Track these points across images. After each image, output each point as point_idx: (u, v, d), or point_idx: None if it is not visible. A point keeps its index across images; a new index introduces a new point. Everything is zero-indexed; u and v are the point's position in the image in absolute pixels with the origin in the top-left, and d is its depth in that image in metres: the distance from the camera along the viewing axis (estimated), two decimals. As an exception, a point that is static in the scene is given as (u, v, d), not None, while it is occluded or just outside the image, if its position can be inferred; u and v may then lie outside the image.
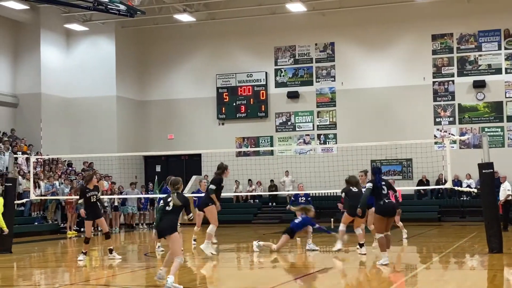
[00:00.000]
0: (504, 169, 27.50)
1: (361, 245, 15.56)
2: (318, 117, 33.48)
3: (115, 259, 15.44)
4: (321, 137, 33.39)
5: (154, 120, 35.69)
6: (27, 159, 25.44)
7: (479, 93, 31.51)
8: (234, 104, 34.33)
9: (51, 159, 29.51)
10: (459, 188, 22.12)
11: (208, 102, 34.70)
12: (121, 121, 34.14)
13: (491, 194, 15.63)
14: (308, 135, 33.55)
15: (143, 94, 35.86)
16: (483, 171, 15.48)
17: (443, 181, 27.98)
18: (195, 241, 18.79)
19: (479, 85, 31.34)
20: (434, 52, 32.17)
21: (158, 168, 35.13)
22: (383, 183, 13.65)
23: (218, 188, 15.86)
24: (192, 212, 11.18)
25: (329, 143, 32.96)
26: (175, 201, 10.80)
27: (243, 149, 33.41)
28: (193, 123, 34.78)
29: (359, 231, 15.53)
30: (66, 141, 33.01)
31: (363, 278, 12.64)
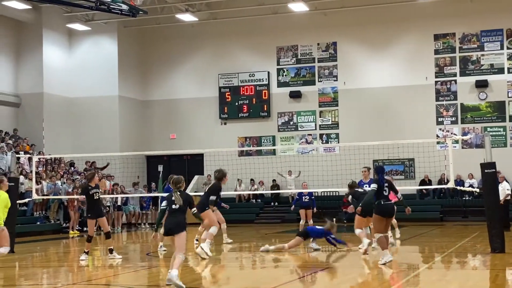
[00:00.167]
0: (506, 169, 27.46)
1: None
2: (320, 117, 33.47)
3: (115, 259, 15.45)
4: (323, 136, 33.38)
5: (156, 119, 35.70)
6: (30, 159, 25.47)
7: (481, 93, 31.48)
8: (236, 103, 34.33)
9: (53, 158, 29.54)
10: (461, 188, 22.10)
11: (210, 101, 34.71)
12: (123, 120, 34.17)
13: (493, 193, 15.61)
14: (310, 135, 33.54)
15: (145, 93, 35.87)
16: (485, 171, 15.47)
17: (446, 181, 28.01)
18: (197, 241, 18.78)
19: (482, 85, 31.32)
20: (436, 51, 32.15)
21: (160, 167, 35.12)
22: (385, 183, 13.65)
23: (218, 197, 16.10)
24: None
25: (331, 142, 32.95)
26: (177, 199, 10.85)
27: (245, 148, 33.41)
28: (195, 122, 34.79)
29: (359, 231, 15.57)
30: (68, 140, 33.04)
31: (365, 277, 12.64)
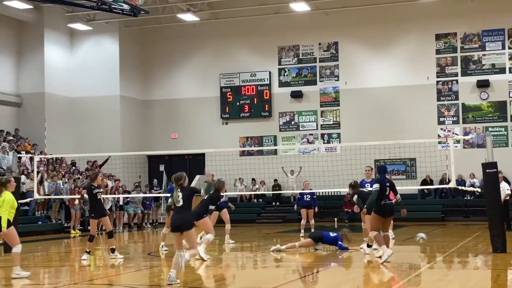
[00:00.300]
0: (507, 169, 27.46)
1: (369, 245, 15.50)
2: (321, 117, 33.47)
3: (117, 259, 15.46)
4: (325, 136, 33.37)
5: (157, 119, 35.71)
6: (31, 159, 25.48)
7: (483, 93, 31.47)
8: (237, 103, 34.34)
9: (54, 158, 29.54)
10: (462, 187, 22.08)
11: (211, 101, 34.71)
12: (124, 120, 34.18)
13: (494, 193, 15.61)
14: (311, 135, 33.53)
15: (147, 93, 35.88)
16: (487, 171, 15.47)
17: (447, 181, 28.00)
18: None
19: (483, 85, 31.30)
20: (437, 51, 32.14)
21: (161, 167, 35.14)
22: (387, 183, 13.64)
23: (216, 206, 16.54)
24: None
25: (332, 142, 32.94)
26: (175, 198, 11.08)
27: (246, 148, 33.40)
28: (197, 122, 34.79)
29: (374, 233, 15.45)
30: (69, 140, 33.05)
31: (366, 277, 12.64)
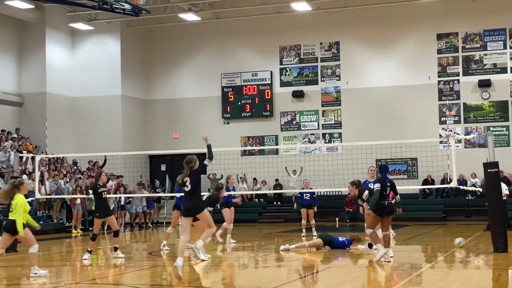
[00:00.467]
0: (509, 168, 27.46)
1: (370, 245, 15.44)
2: (323, 116, 33.46)
3: (118, 258, 15.46)
4: (326, 136, 33.37)
5: (159, 119, 35.72)
6: (33, 158, 25.49)
7: (484, 92, 31.46)
8: (239, 103, 34.33)
9: (56, 158, 29.54)
10: (464, 187, 22.07)
11: (213, 101, 34.71)
12: (126, 120, 34.18)
13: (496, 193, 15.60)
14: (313, 134, 33.53)
15: (148, 93, 35.89)
16: (488, 170, 15.47)
17: (448, 180, 27.96)
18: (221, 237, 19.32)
19: (484, 84, 31.29)
20: (439, 51, 32.13)
21: (163, 167, 35.17)
22: (388, 183, 13.63)
23: (214, 207, 16.68)
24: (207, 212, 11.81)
25: (334, 142, 32.94)
26: (183, 180, 11.31)
27: (248, 148, 33.40)
28: (198, 122, 34.76)
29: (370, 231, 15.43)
30: (71, 140, 33.07)
31: (367, 277, 12.64)
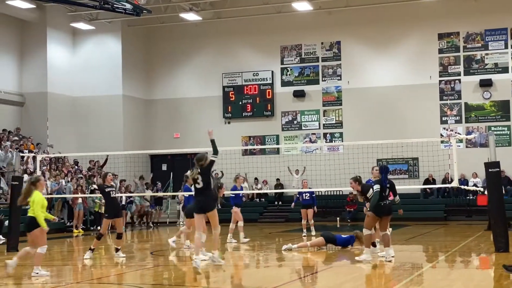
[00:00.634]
0: (510, 168, 27.43)
1: (374, 244, 15.38)
2: (324, 116, 33.45)
3: (119, 258, 15.47)
4: (327, 136, 33.37)
5: (160, 119, 35.71)
6: (34, 158, 25.49)
7: (485, 92, 31.43)
8: (240, 103, 34.33)
9: (57, 157, 29.53)
10: (465, 187, 22.10)
11: (214, 101, 34.71)
12: (127, 120, 34.18)
13: (497, 193, 15.60)
14: (314, 134, 33.52)
15: (149, 93, 35.89)
16: (490, 170, 15.46)
17: (450, 180, 27.96)
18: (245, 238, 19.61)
19: (486, 84, 31.27)
20: (440, 51, 32.11)
21: (164, 167, 35.17)
22: (387, 184, 13.66)
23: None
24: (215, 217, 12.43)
25: (335, 142, 32.93)
26: (195, 177, 11.74)
27: (249, 147, 33.39)
28: (199, 122, 34.74)
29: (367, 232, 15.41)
30: (72, 139, 33.07)
31: (368, 277, 12.63)
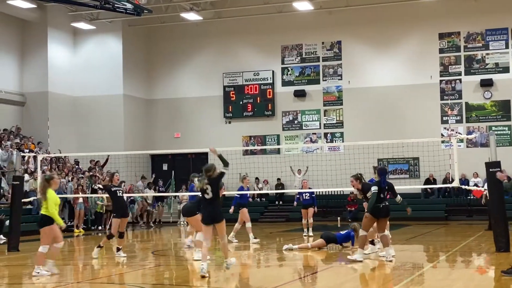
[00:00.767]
0: (511, 168, 27.38)
1: (372, 241, 15.37)
2: (325, 116, 33.45)
3: (120, 257, 15.47)
4: (328, 135, 33.37)
5: (160, 118, 35.71)
6: (34, 157, 25.50)
7: (486, 92, 31.43)
8: (240, 102, 34.33)
9: (57, 157, 29.53)
10: (466, 187, 22.05)
11: (214, 100, 34.71)
12: (127, 119, 34.18)
13: (497, 193, 15.59)
14: (315, 134, 33.52)
15: (150, 92, 35.89)
16: (490, 170, 15.45)
17: (450, 180, 27.96)
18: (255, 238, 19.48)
19: (487, 84, 31.26)
20: (441, 50, 32.10)
21: (164, 166, 35.17)
22: (386, 186, 13.68)
23: None
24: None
25: (335, 141, 32.93)
26: (203, 187, 11.83)
27: (249, 147, 33.40)
28: (200, 121, 34.78)
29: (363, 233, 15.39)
30: (73, 139, 33.08)
31: (368, 276, 12.63)
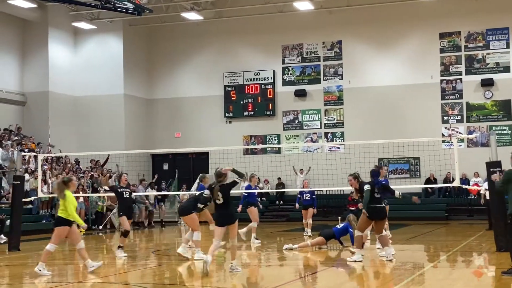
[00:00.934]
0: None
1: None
2: (325, 115, 33.45)
3: (120, 257, 15.48)
4: (329, 135, 33.37)
5: (161, 118, 35.72)
6: (35, 157, 25.52)
7: (487, 92, 31.42)
8: (241, 102, 34.33)
9: (58, 156, 29.54)
10: (466, 186, 22.06)
11: (215, 100, 34.72)
12: (128, 119, 34.19)
13: (498, 192, 15.55)
14: (315, 133, 33.52)
15: (151, 92, 35.90)
16: (491, 170, 15.45)
17: (451, 180, 27.97)
18: (257, 239, 19.23)
19: (487, 84, 31.25)
20: (442, 50, 32.10)
21: (165, 166, 35.18)
22: (379, 186, 13.72)
23: (205, 206, 16.25)
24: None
25: (336, 141, 32.93)
26: (216, 195, 12.26)
27: (250, 147, 33.40)
28: (201, 121, 34.79)
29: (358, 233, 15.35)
30: (73, 139, 33.09)
31: (369, 276, 12.64)
